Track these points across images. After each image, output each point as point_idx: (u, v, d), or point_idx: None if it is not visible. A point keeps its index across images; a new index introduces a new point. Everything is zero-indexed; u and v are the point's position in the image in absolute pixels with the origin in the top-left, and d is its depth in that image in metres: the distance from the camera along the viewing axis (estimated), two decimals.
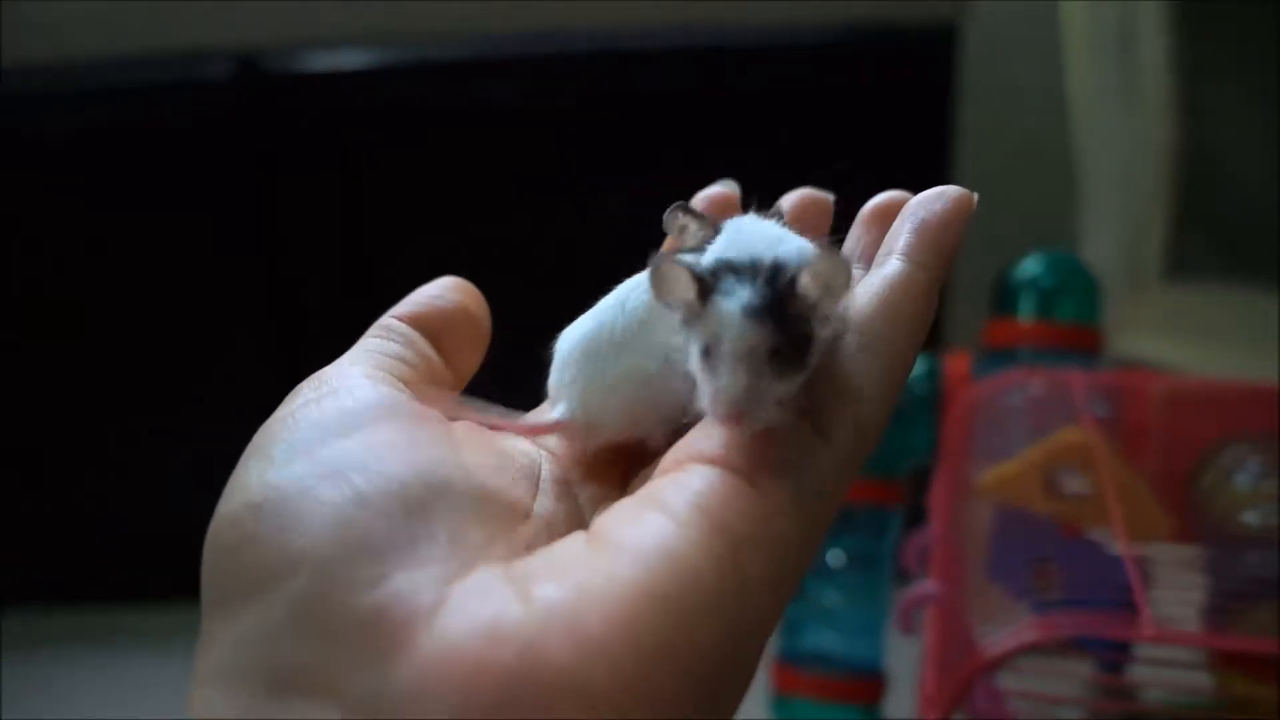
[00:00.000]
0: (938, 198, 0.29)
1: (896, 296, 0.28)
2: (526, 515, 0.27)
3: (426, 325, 0.32)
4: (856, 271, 0.30)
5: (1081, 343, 0.69)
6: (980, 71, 1.04)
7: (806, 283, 0.26)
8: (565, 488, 0.29)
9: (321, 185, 1.02)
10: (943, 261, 0.29)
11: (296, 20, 0.98)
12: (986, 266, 0.77)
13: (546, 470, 0.30)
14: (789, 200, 0.35)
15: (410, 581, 0.23)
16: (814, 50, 0.99)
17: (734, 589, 0.23)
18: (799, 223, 0.33)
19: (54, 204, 1.01)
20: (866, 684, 0.73)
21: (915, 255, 0.28)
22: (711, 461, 0.25)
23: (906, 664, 0.70)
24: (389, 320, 0.32)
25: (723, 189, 0.36)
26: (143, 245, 1.02)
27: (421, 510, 0.25)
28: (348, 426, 0.26)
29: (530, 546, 0.26)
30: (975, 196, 0.30)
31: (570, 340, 0.32)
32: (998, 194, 1.13)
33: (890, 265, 0.28)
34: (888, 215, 0.31)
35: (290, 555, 0.24)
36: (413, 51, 1.00)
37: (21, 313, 1.04)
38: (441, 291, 0.33)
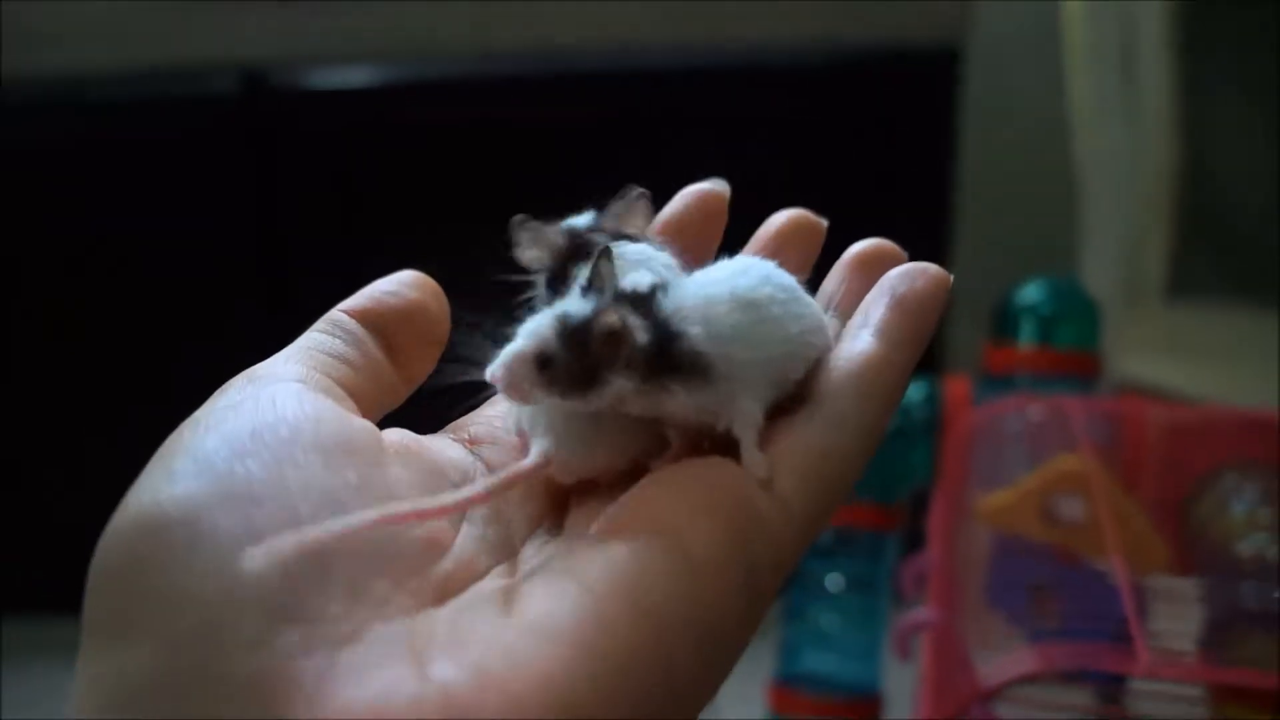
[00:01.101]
0: (919, 274, 0.29)
1: (870, 376, 0.27)
2: (446, 549, 0.25)
3: (376, 323, 0.30)
4: (832, 322, 0.29)
5: (1080, 369, 0.69)
6: (982, 92, 1.05)
7: (597, 330, 0.26)
8: (496, 509, 0.27)
9: (324, 199, 1.03)
10: (919, 343, 0.28)
11: (302, 36, 0.98)
12: (988, 288, 0.77)
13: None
14: (779, 219, 0.34)
15: (296, 643, 0.21)
16: (817, 71, 0.99)
17: (657, 679, 0.22)
18: (786, 244, 0.32)
19: (59, 215, 1.01)
20: (863, 706, 0.73)
21: (892, 335, 0.28)
22: (656, 530, 0.24)
23: (903, 686, 0.70)
24: (337, 315, 0.30)
25: (714, 187, 0.34)
26: (146, 256, 1.02)
27: (320, 556, 0.22)
28: (260, 443, 0.24)
29: (445, 589, 0.24)
30: (951, 277, 0.29)
31: None
32: (999, 214, 1.14)
33: (864, 342, 0.28)
34: (871, 264, 0.31)
35: (170, 597, 0.22)
36: (416, 68, 1.00)
37: (22, 322, 1.04)
38: (397, 287, 0.30)
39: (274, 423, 0.24)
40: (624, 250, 0.30)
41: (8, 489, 1.08)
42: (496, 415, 0.31)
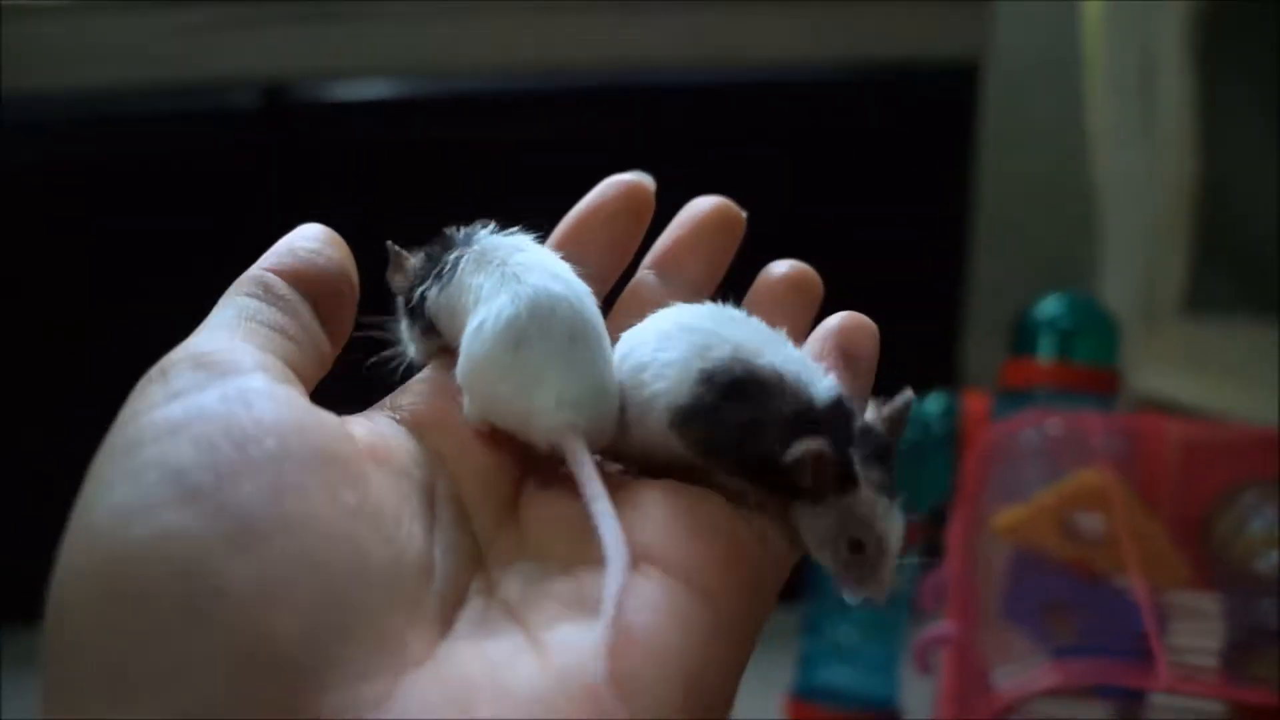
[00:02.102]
0: (857, 329, 0.29)
1: None
2: (432, 564, 0.23)
3: (308, 288, 0.26)
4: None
5: (1099, 384, 0.69)
6: (1001, 108, 1.05)
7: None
8: (459, 507, 0.25)
9: (346, 214, 1.03)
10: (865, 400, 0.28)
11: (323, 50, 0.99)
12: (1007, 304, 0.77)
13: (441, 489, 0.25)
14: (703, 206, 0.32)
15: (339, 708, 0.19)
16: (834, 88, 1.00)
17: None
18: (703, 242, 0.32)
19: (79, 231, 1.02)
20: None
21: (850, 394, 0.28)
22: (680, 575, 0.23)
23: (921, 700, 0.70)
24: (267, 277, 0.26)
25: (637, 179, 0.32)
26: (166, 273, 1.03)
27: (336, 599, 0.20)
28: (249, 461, 0.20)
29: (443, 616, 0.22)
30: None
31: (536, 344, 0.27)
32: (1016, 230, 1.13)
33: None
34: (799, 288, 0.31)
35: (173, 663, 0.18)
36: (438, 84, 1.01)
37: (37, 333, 1.05)
38: (319, 246, 0.27)
39: (257, 434, 0.21)
40: (514, 253, 0.29)
41: (8, 500, 1.09)
42: (427, 391, 0.28)
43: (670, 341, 0.28)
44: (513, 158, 1.01)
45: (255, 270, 0.26)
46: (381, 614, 0.20)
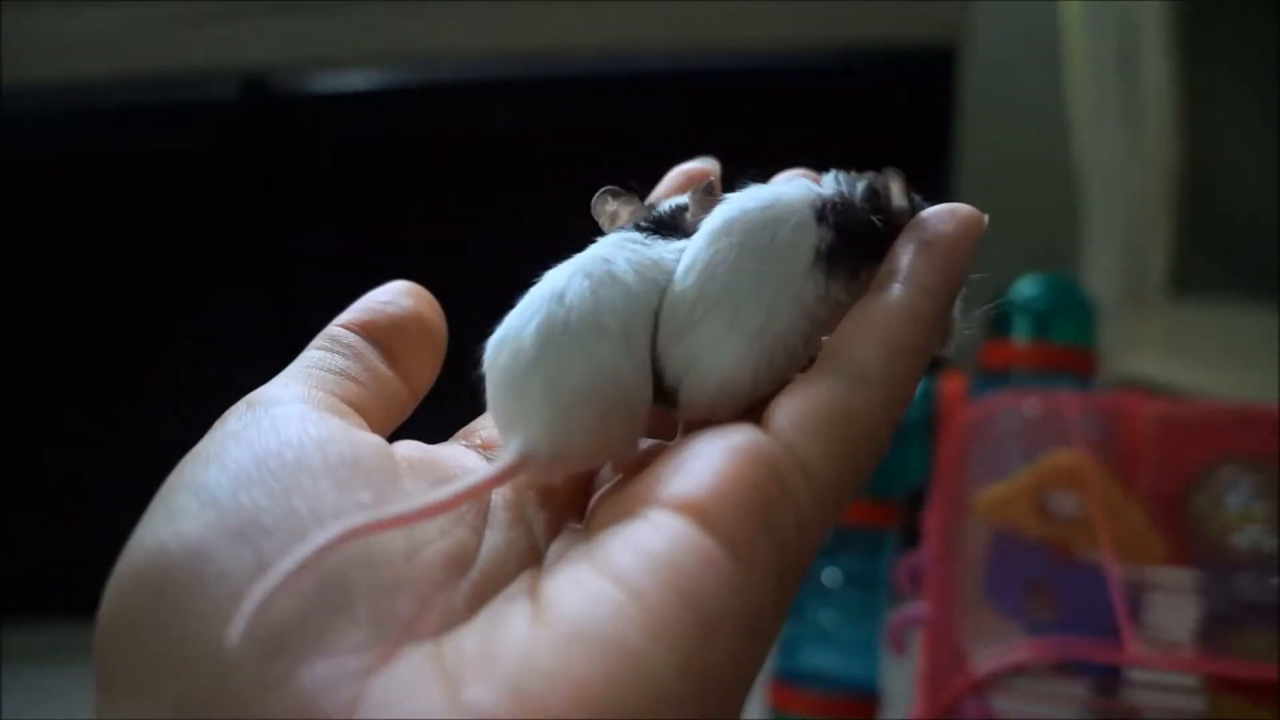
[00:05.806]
0: (948, 216, 0.27)
1: (899, 328, 0.25)
2: (472, 558, 0.24)
3: (376, 334, 0.28)
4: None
5: (1076, 365, 0.69)
6: (982, 91, 1.05)
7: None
8: (517, 512, 0.25)
9: (326, 206, 1.03)
10: (951, 288, 0.26)
11: (302, 41, 0.99)
12: (984, 287, 0.77)
13: (498, 497, 0.26)
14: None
15: (320, 677, 0.20)
16: (814, 72, 1.00)
17: (703, 678, 0.20)
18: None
19: (58, 224, 1.02)
20: (862, 703, 0.73)
21: (921, 280, 0.25)
22: (684, 510, 0.22)
23: (902, 683, 0.70)
24: (335, 330, 0.28)
25: (702, 165, 0.33)
26: (147, 266, 1.03)
27: (339, 582, 0.21)
28: (265, 471, 0.22)
29: (476, 599, 0.23)
30: (986, 218, 0.27)
31: (505, 351, 0.26)
32: (997, 214, 1.13)
33: (893, 291, 0.25)
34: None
35: (180, 647, 0.20)
36: (418, 73, 1.01)
37: (22, 328, 1.05)
38: (392, 297, 0.29)
39: (277, 448, 0.23)
40: None
41: (8, 495, 1.09)
42: None
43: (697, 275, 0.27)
44: (495, 147, 1.00)
45: (328, 326, 0.29)
46: (385, 595, 0.21)
